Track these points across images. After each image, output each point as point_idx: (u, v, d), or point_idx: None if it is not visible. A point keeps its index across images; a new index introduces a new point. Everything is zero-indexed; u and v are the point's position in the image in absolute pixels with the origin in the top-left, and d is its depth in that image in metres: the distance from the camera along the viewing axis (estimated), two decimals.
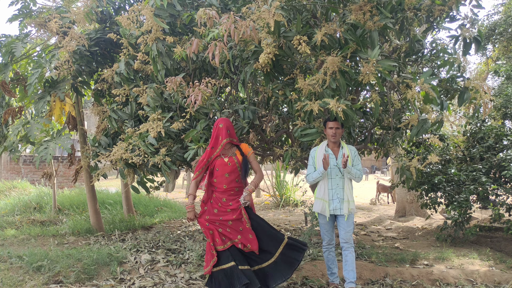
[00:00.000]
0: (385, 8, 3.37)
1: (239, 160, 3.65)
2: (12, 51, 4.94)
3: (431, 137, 4.40)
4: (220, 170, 3.59)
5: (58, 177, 11.70)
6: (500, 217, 5.43)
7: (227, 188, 3.60)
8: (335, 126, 3.70)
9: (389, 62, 3.23)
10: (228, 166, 3.59)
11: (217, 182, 3.62)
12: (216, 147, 3.61)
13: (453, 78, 4.21)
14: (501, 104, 6.46)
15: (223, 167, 3.59)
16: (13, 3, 5.12)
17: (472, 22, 3.96)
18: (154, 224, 7.12)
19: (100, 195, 7.91)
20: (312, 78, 3.58)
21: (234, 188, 3.62)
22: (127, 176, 4.62)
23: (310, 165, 3.87)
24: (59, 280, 3.98)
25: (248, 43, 3.74)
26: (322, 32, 3.34)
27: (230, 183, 3.59)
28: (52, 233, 5.97)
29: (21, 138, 5.50)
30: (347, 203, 3.69)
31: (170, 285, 3.98)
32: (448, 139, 6.77)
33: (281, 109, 5.13)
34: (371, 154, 5.65)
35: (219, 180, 3.60)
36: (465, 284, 4.18)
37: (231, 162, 3.60)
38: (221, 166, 3.59)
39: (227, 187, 3.59)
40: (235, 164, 3.62)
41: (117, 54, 5.18)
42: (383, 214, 9.45)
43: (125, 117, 4.76)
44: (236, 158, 3.64)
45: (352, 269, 3.70)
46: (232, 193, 3.61)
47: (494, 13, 10.65)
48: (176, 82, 3.97)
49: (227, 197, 3.59)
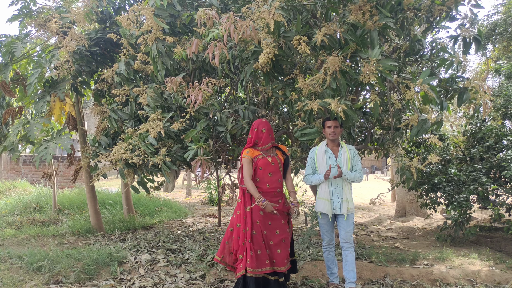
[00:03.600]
0: (384, 7, 3.37)
1: (282, 160, 3.65)
2: (12, 51, 4.94)
3: (431, 137, 4.40)
4: (264, 169, 3.55)
5: (58, 177, 11.70)
6: (500, 217, 5.43)
7: (270, 187, 3.54)
8: (333, 125, 3.71)
9: (389, 62, 3.23)
10: (272, 166, 3.56)
11: (260, 181, 3.55)
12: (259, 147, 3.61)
13: (453, 78, 4.21)
14: (501, 104, 6.46)
15: (267, 166, 3.55)
16: (13, 3, 5.11)
17: (472, 21, 3.96)
18: (154, 224, 7.12)
19: (100, 195, 7.91)
20: (312, 78, 3.58)
21: (276, 189, 3.57)
22: (127, 176, 4.62)
23: (308, 165, 3.87)
24: (59, 280, 3.98)
25: (248, 43, 3.74)
26: (322, 32, 3.34)
27: (272, 183, 3.55)
28: (52, 233, 5.97)
29: (21, 138, 5.50)
30: (346, 202, 3.70)
31: (170, 285, 3.98)
32: (448, 139, 6.77)
33: (281, 109, 5.13)
34: (371, 154, 5.64)
35: (262, 180, 3.54)
36: (465, 284, 4.18)
37: (274, 162, 3.59)
38: (265, 166, 3.55)
39: (270, 187, 3.54)
40: (277, 164, 3.60)
41: (117, 54, 5.18)
42: (383, 214, 9.44)
43: (125, 117, 4.76)
44: (278, 158, 3.63)
45: (352, 269, 3.70)
46: (274, 195, 3.56)
47: (494, 13, 10.64)
48: (176, 82, 3.97)
49: (269, 198, 3.50)
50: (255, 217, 3.50)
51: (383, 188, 13.91)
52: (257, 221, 3.49)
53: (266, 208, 3.40)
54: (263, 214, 3.50)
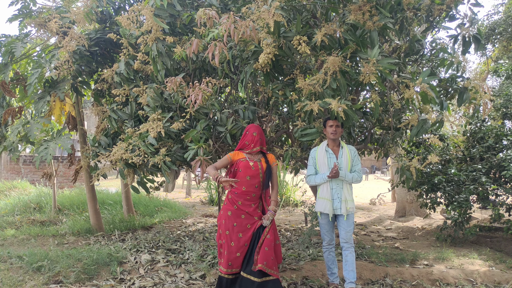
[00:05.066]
0: (384, 7, 3.37)
1: (263, 167, 3.67)
2: (12, 51, 4.94)
3: (431, 137, 4.40)
4: (243, 172, 3.59)
5: (58, 177, 11.71)
6: (500, 217, 5.43)
7: (245, 190, 3.58)
8: (335, 124, 3.73)
9: (389, 61, 3.23)
10: (251, 170, 3.60)
11: (237, 183, 3.60)
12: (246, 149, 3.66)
13: (453, 78, 4.21)
14: (501, 104, 6.46)
15: (246, 170, 3.59)
16: (13, 3, 5.11)
17: (472, 21, 3.96)
18: (154, 224, 7.13)
19: (100, 195, 7.91)
20: (312, 78, 3.58)
21: (251, 193, 3.60)
22: (127, 176, 4.61)
23: (310, 165, 3.88)
24: (59, 280, 3.98)
25: (248, 43, 3.74)
26: (322, 32, 3.35)
27: (249, 186, 3.58)
28: (52, 233, 5.97)
29: (21, 138, 5.50)
30: (345, 202, 3.71)
31: (170, 285, 3.98)
32: (448, 139, 6.77)
33: (281, 109, 5.13)
34: (371, 154, 5.65)
35: (239, 182, 3.59)
36: (465, 284, 4.18)
37: (255, 166, 3.63)
38: (245, 168, 3.60)
39: (246, 190, 3.58)
40: (258, 170, 3.63)
41: (117, 54, 5.18)
42: (383, 214, 9.45)
43: (125, 117, 4.76)
44: (260, 164, 3.67)
45: (352, 269, 3.71)
46: (248, 198, 3.59)
47: (494, 13, 10.65)
48: (176, 82, 3.97)
49: (242, 201, 3.57)
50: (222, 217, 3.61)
51: (383, 188, 13.94)
52: (223, 221, 3.58)
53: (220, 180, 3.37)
54: (230, 215, 3.57)
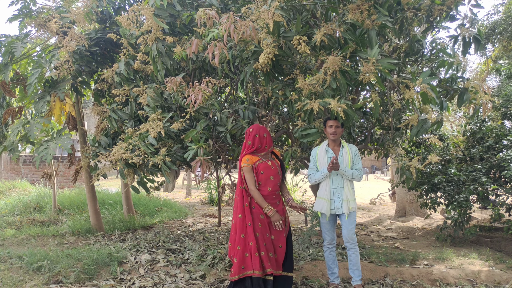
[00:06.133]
0: (382, 6, 3.37)
1: (278, 164, 3.72)
2: (12, 51, 4.94)
3: (431, 137, 4.40)
4: (265, 173, 3.58)
5: (58, 177, 11.70)
6: (500, 217, 5.43)
7: (271, 190, 3.58)
8: (334, 125, 3.73)
9: (388, 61, 3.23)
10: (272, 169, 3.61)
11: (262, 185, 3.57)
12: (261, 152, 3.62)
13: (453, 78, 4.21)
14: (501, 104, 6.46)
15: (268, 170, 3.59)
16: (13, 3, 5.12)
17: (472, 21, 3.96)
18: (154, 224, 7.12)
19: (100, 195, 7.91)
20: (312, 78, 3.59)
21: (276, 192, 3.62)
22: (127, 176, 4.61)
23: (312, 165, 3.90)
24: (59, 280, 3.98)
25: (248, 43, 3.74)
26: (321, 32, 3.35)
27: (274, 186, 3.60)
28: (52, 233, 5.97)
29: (21, 138, 5.50)
30: (346, 202, 3.71)
31: (170, 285, 3.98)
32: (448, 139, 6.77)
33: (281, 109, 5.13)
34: (371, 154, 5.65)
35: (264, 184, 3.57)
36: (465, 284, 4.18)
37: (273, 165, 3.65)
38: (266, 169, 3.59)
39: (272, 190, 3.58)
40: (276, 168, 3.66)
41: (117, 54, 5.18)
42: (383, 214, 9.44)
43: (125, 117, 4.76)
44: (276, 162, 3.70)
45: (357, 268, 3.76)
46: (274, 197, 3.60)
47: (494, 13, 10.65)
48: (176, 82, 3.97)
49: (269, 201, 3.55)
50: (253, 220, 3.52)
51: (383, 188, 13.94)
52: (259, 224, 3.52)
53: (273, 218, 3.48)
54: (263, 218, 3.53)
